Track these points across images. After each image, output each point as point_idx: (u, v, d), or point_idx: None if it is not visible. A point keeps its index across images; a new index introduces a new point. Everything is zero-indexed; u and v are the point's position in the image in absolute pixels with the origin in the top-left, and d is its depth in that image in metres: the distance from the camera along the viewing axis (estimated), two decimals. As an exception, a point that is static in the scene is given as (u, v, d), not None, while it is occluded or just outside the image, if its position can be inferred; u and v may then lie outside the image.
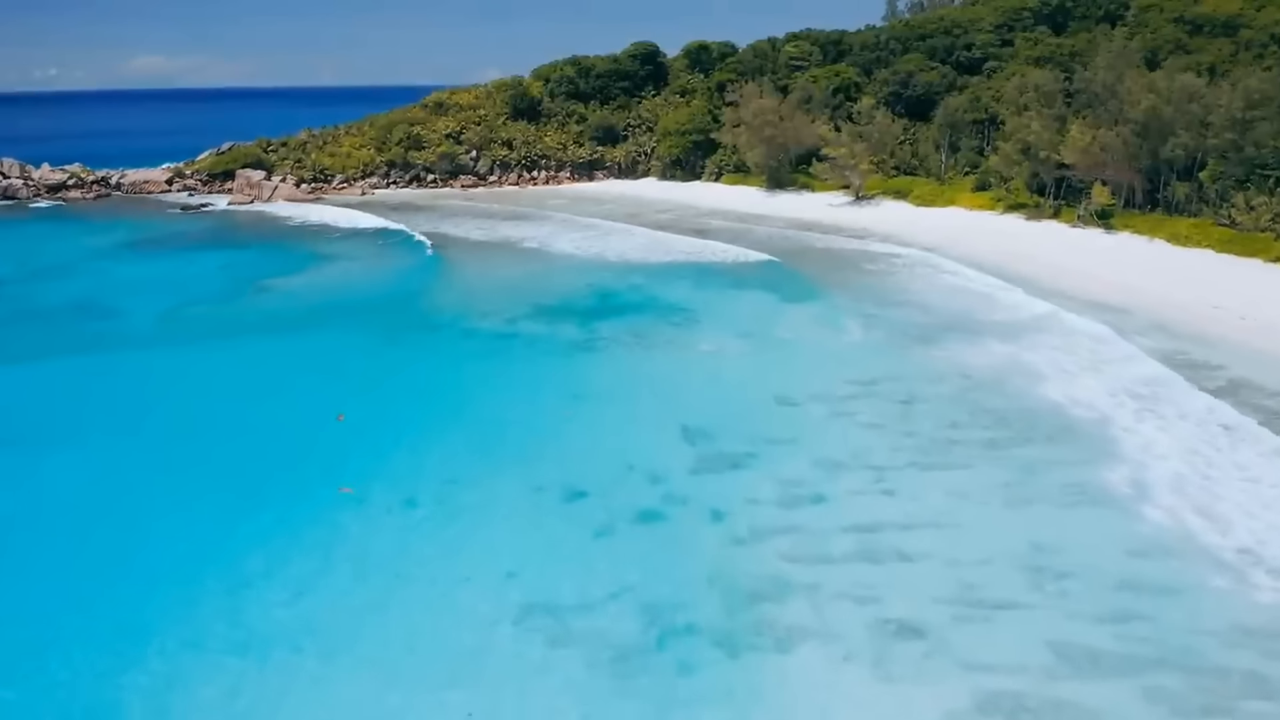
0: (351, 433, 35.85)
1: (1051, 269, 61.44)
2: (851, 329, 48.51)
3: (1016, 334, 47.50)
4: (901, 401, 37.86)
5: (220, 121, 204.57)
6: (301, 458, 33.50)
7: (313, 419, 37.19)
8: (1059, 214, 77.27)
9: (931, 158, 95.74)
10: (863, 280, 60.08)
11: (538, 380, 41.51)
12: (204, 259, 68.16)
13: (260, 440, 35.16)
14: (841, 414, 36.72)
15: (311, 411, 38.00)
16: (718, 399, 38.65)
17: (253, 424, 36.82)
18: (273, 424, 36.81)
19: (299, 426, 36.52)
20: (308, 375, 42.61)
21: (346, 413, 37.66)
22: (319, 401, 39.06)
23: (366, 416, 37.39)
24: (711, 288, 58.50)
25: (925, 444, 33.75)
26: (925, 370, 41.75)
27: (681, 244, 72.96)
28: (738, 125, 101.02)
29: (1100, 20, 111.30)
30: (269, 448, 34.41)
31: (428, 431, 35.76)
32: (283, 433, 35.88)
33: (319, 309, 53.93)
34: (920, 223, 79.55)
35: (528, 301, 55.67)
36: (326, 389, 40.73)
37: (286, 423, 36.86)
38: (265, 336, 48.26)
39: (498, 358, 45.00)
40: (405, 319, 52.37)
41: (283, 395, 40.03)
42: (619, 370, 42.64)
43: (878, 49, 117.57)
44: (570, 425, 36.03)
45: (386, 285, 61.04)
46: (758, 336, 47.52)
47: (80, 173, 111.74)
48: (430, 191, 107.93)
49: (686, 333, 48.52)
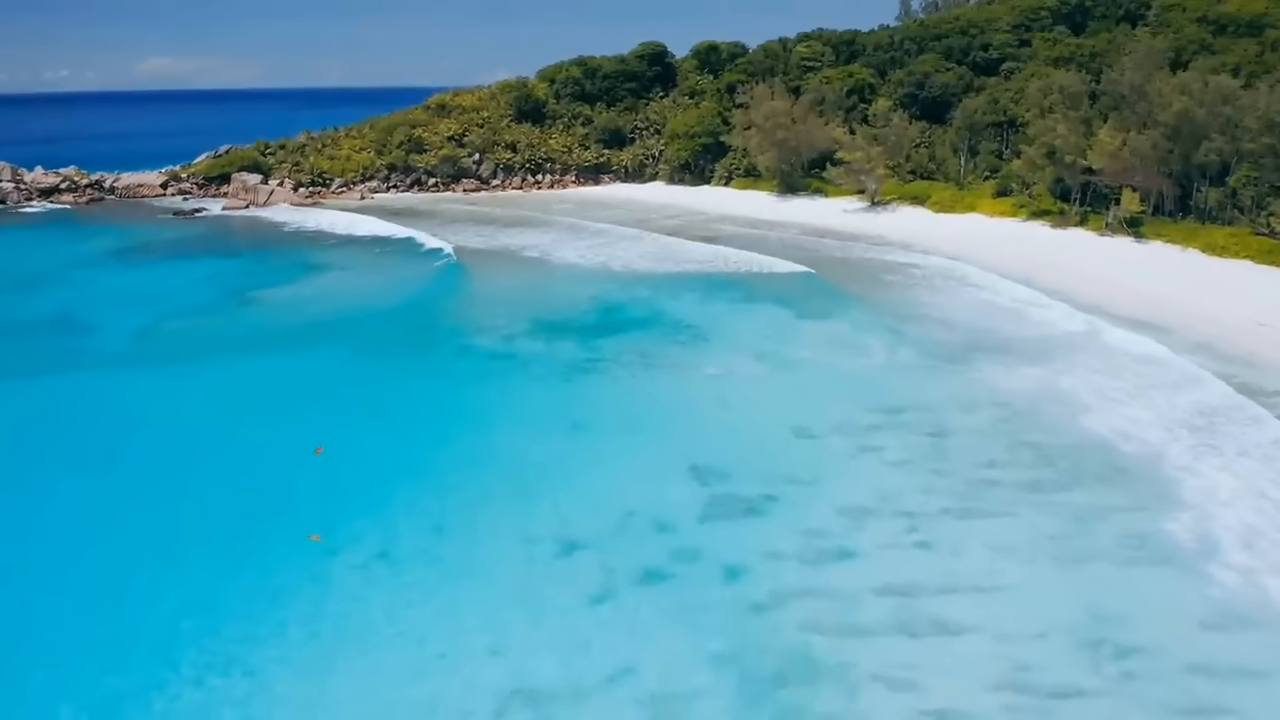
0: (329, 467, 32.68)
1: (1081, 281, 58.04)
2: (873, 348, 45.19)
3: (1050, 354, 44.16)
4: (931, 434, 34.53)
5: (227, 123, 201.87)
6: (270, 497, 30.33)
7: (289, 451, 34.04)
8: (1085, 221, 73.83)
9: (949, 162, 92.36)
10: (882, 292, 56.75)
11: (534, 407, 38.28)
12: (190, 268, 65.10)
13: (228, 476, 32.00)
14: (866, 448, 33.41)
15: (288, 442, 34.84)
16: (730, 430, 35.38)
17: (223, 456, 33.69)
18: (244, 457, 33.67)
19: (273, 459, 33.36)
20: (287, 399, 39.45)
21: (326, 443, 34.51)
22: (297, 430, 35.92)
23: (347, 448, 34.21)
24: (721, 301, 55.24)
25: (961, 486, 30.44)
26: (955, 397, 38.42)
27: (690, 252, 69.70)
28: (748, 128, 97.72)
29: (1120, 20, 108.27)
30: (236, 485, 31.23)
31: (412, 466, 32.55)
32: (254, 467, 32.72)
33: (303, 324, 50.78)
34: (939, 230, 76.18)
35: (526, 316, 52.46)
36: (306, 415, 37.59)
37: (259, 455, 33.71)
38: (244, 355, 45.12)
39: (491, 380, 41.82)
40: (394, 335, 49.20)
41: (259, 423, 36.88)
42: (622, 396, 39.39)
43: (892, 49, 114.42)
44: (568, 460, 32.78)
45: (376, 298, 57.73)
46: (772, 357, 44.23)
47: (74, 176, 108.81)
48: (431, 196, 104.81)
49: (695, 352, 45.27)
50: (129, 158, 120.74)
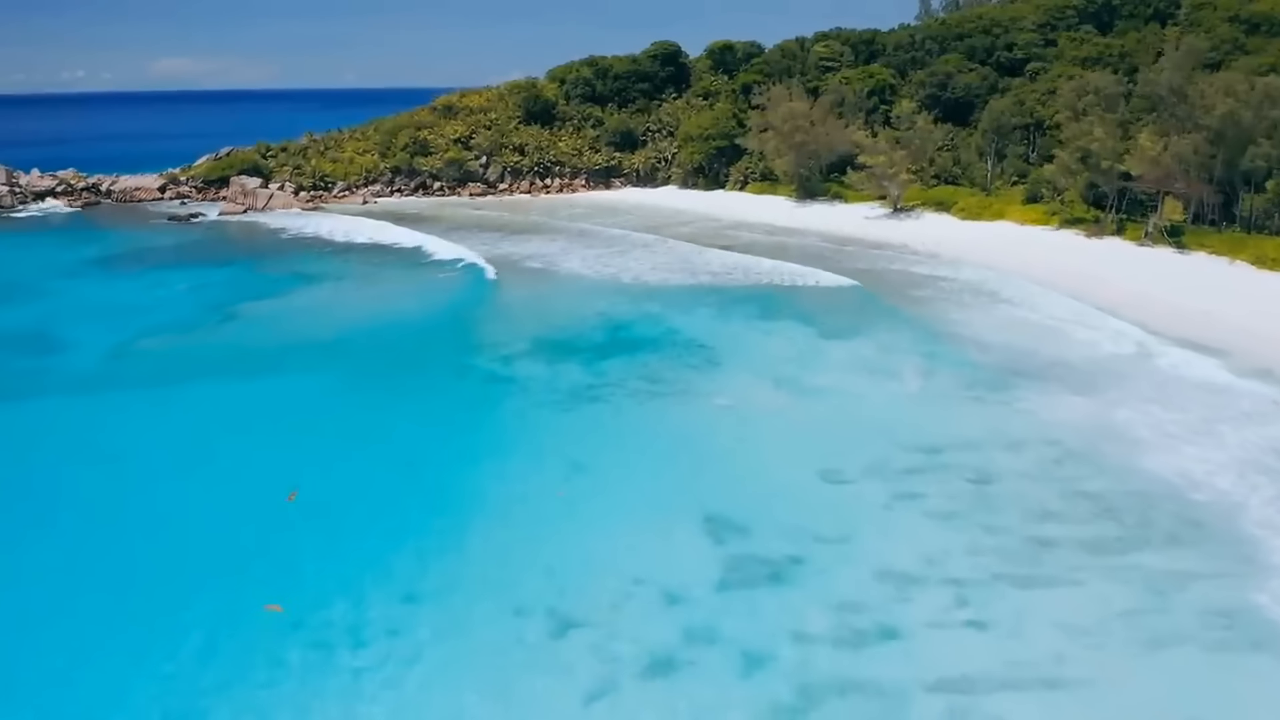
0: (302, 517, 29.08)
1: (1122, 295, 54.10)
2: (904, 373, 41.39)
3: (1098, 379, 40.32)
4: (975, 480, 30.72)
5: (240, 124, 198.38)
6: (230, 555, 26.74)
7: (258, 496, 30.45)
8: (1123, 230, 69.80)
9: (975, 166, 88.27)
10: (910, 308, 52.90)
11: (530, 443, 34.61)
12: (175, 279, 61.69)
13: (184, 527, 28.45)
14: (903, 497, 29.63)
15: (259, 485, 31.24)
16: (748, 472, 31.65)
17: (182, 502, 30.13)
18: (207, 503, 30.09)
19: (239, 508, 29.75)
20: (262, 433, 35.85)
21: (301, 486, 30.92)
22: (269, 471, 32.33)
23: (323, 493, 30.59)
24: (737, 317, 51.49)
25: (1014, 545, 26.65)
26: (998, 432, 34.60)
27: (705, 262, 65.98)
28: (765, 130, 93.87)
29: (1150, 19, 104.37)
30: (192, 539, 27.67)
31: (391, 516, 28.92)
32: (216, 517, 29.16)
33: (288, 343, 47.19)
34: (967, 238, 72.25)
35: (528, 334, 48.88)
36: (281, 453, 34.00)
37: (224, 502, 30.11)
38: (220, 380, 41.58)
39: (486, 410, 38.19)
40: (384, 355, 45.54)
41: (228, 462, 33.31)
42: (628, 430, 35.64)
43: (913, 49, 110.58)
44: (564, 511, 29.08)
45: (367, 313, 54.05)
46: (793, 383, 40.45)
47: (70, 179, 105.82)
48: (435, 200, 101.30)
49: (708, 377, 41.51)
50: (134, 159, 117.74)
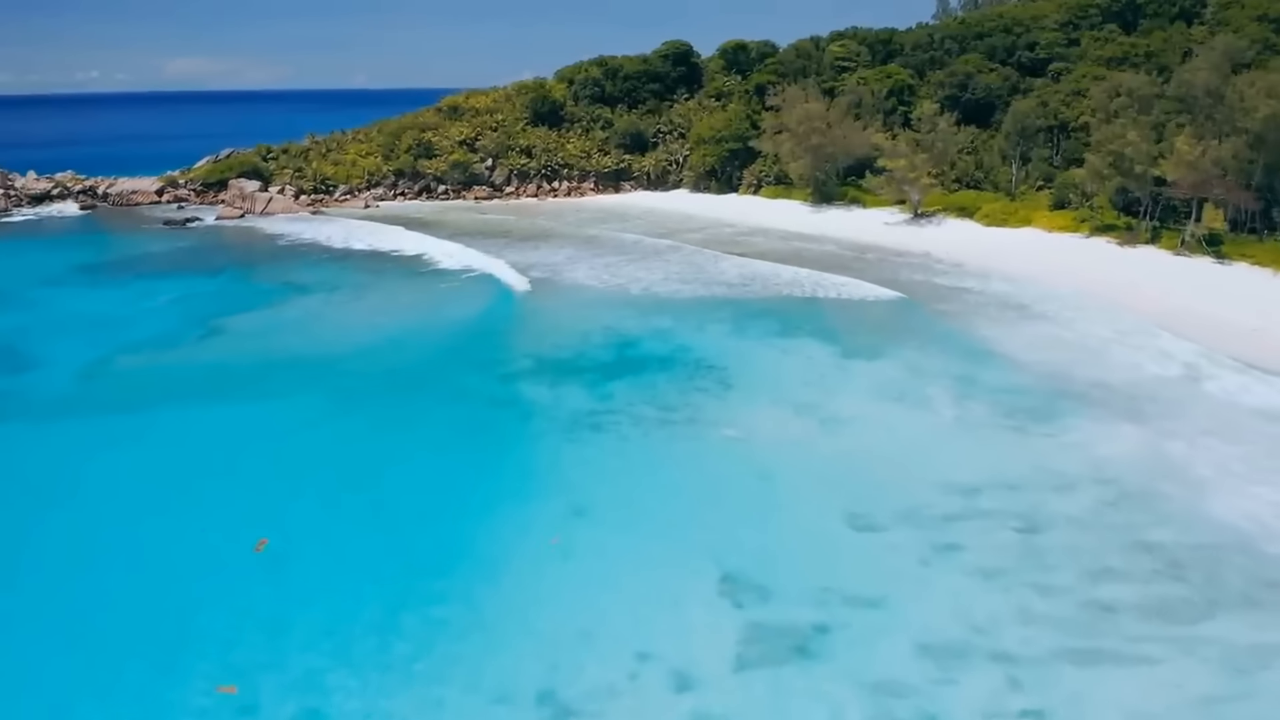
0: (268, 571, 26.05)
1: (1163, 310, 50.75)
2: (936, 399, 38.06)
3: (1147, 406, 37.05)
4: (1022, 528, 27.48)
5: (248, 125, 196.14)
6: (183, 619, 23.70)
7: (223, 545, 27.44)
8: (1157, 239, 66.36)
9: (999, 170, 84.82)
10: (937, 323, 49.61)
11: (524, 480, 31.46)
12: (162, 289, 58.76)
13: (138, 583, 25.42)
14: (943, 549, 26.41)
15: (225, 532, 28.23)
16: (768, 519, 28.45)
17: (138, 553, 27.10)
18: (165, 554, 27.03)
19: (200, 560, 26.72)
20: (234, 468, 32.77)
21: (272, 533, 27.92)
22: (240, 513, 29.32)
23: (293, 541, 27.56)
24: (752, 334, 48.25)
25: (1071, 611, 23.43)
26: (1043, 470, 31.34)
27: (719, 272, 62.78)
28: (779, 132, 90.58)
29: (1175, 18, 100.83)
30: (144, 599, 24.65)
31: (367, 573, 25.81)
32: (174, 571, 26.12)
33: (272, 361, 44.10)
34: (992, 246, 68.85)
35: (528, 352, 45.85)
36: (254, 492, 30.93)
37: (185, 553, 27.06)
38: (195, 405, 38.55)
39: (476, 441, 34.98)
40: (373, 375, 42.29)
41: (196, 504, 30.23)
42: (632, 466, 32.42)
43: (931, 49, 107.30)
44: (559, 564, 25.95)
45: (358, 327, 50.73)
46: (815, 411, 37.20)
47: (68, 181, 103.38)
48: (439, 204, 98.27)
49: (722, 403, 38.30)
50: (139, 160, 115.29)
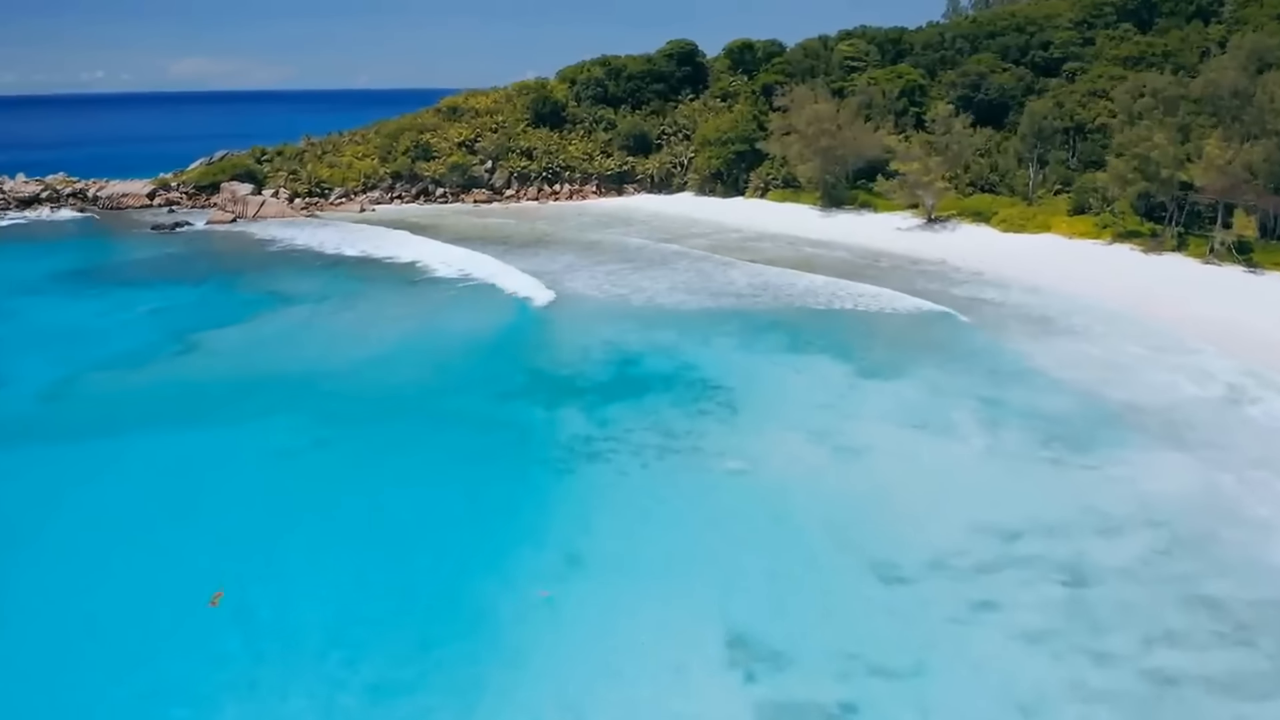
0: (221, 629, 23.20)
1: (1196, 323, 47.85)
2: (962, 425, 35.10)
3: (1193, 433, 34.13)
4: (1068, 581, 24.53)
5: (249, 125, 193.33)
6: (118, 690, 20.87)
7: (177, 596, 24.61)
8: (1184, 246, 63.38)
9: (1016, 174, 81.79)
10: (959, 339, 46.69)
11: (513, 521, 28.55)
12: (142, 298, 55.99)
13: (73, 642, 22.62)
14: (980, 607, 23.48)
15: (181, 580, 25.39)
16: (782, 568, 25.53)
17: (79, 604, 24.30)
18: (110, 605, 24.24)
19: (148, 613, 23.90)
20: (198, 505, 29.92)
21: (231, 582, 25.08)
22: (198, 558, 26.49)
23: (253, 591, 24.72)
24: (761, 350, 45.34)
25: (1129, 684, 20.51)
26: (1088, 509, 28.40)
27: (727, 281, 59.88)
28: (787, 134, 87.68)
29: (1192, 16, 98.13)
30: (76, 663, 21.83)
31: (331, 634, 22.94)
32: (116, 626, 23.31)
33: (249, 380, 41.22)
34: (1011, 253, 65.95)
35: (521, 370, 43.05)
36: (216, 532, 28.10)
37: (132, 604, 24.25)
38: (163, 430, 35.69)
39: (461, 473, 32.01)
40: (355, 396, 39.31)
41: (152, 546, 27.41)
42: (631, 504, 29.46)
43: (942, 48, 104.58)
44: (546, 623, 23.05)
45: (344, 341, 47.62)
46: (830, 438, 34.27)
47: (58, 184, 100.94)
48: (437, 208, 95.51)
49: (730, 429, 35.33)
50: (136, 161, 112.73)
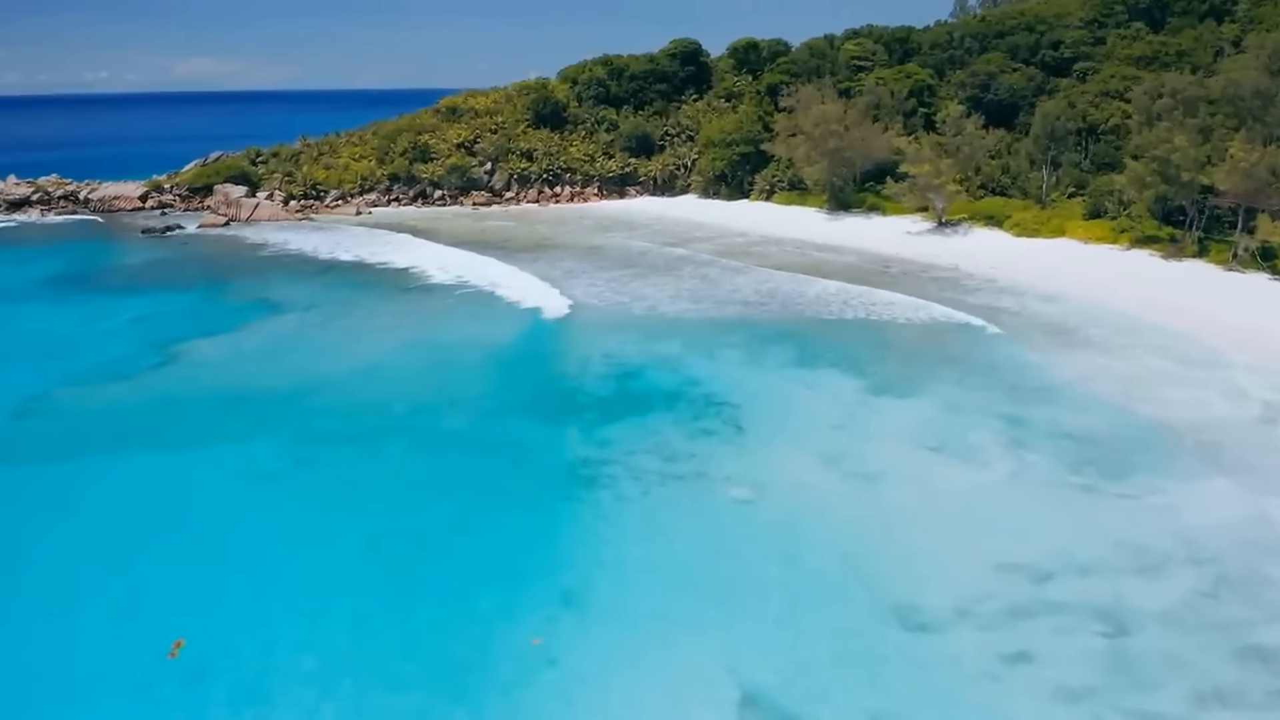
0: (178, 685, 21.10)
1: (1223, 334, 45.78)
2: (985, 448, 32.91)
3: (1230, 456, 31.98)
4: (1108, 631, 22.34)
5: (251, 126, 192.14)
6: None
7: (135, 644, 22.51)
8: (1205, 252, 61.20)
9: (1029, 176, 79.58)
10: (976, 350, 44.53)
11: (505, 555, 26.41)
12: (126, 306, 53.95)
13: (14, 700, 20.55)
14: (1013, 660, 21.31)
15: (141, 625, 23.31)
16: (795, 613, 23.36)
17: (21, 657, 22.19)
18: (58, 656, 22.15)
19: (99, 665, 21.81)
20: (164, 537, 27.84)
21: (195, 629, 23.02)
22: (162, 600, 24.40)
23: (217, 640, 22.61)
24: (770, 363, 43.21)
25: (1188, 755, 18.43)
26: (1124, 545, 26.22)
27: (733, 288, 57.75)
28: (794, 135, 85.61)
29: (1205, 16, 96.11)
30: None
31: (301, 692, 20.85)
32: (62, 682, 21.21)
33: (230, 396, 39.13)
34: (1025, 259, 63.77)
35: (515, 385, 40.95)
36: (182, 568, 26.02)
37: (84, 654, 22.17)
38: (135, 452, 33.58)
39: (451, 499, 29.89)
40: (339, 414, 37.11)
41: (113, 585, 25.31)
42: (631, 537, 27.28)
43: (951, 47, 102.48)
44: (539, 675, 20.91)
45: (331, 353, 45.37)
46: (842, 462, 32.10)
47: (48, 186, 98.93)
48: (435, 210, 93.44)
49: (735, 451, 33.15)
50: (134, 162, 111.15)
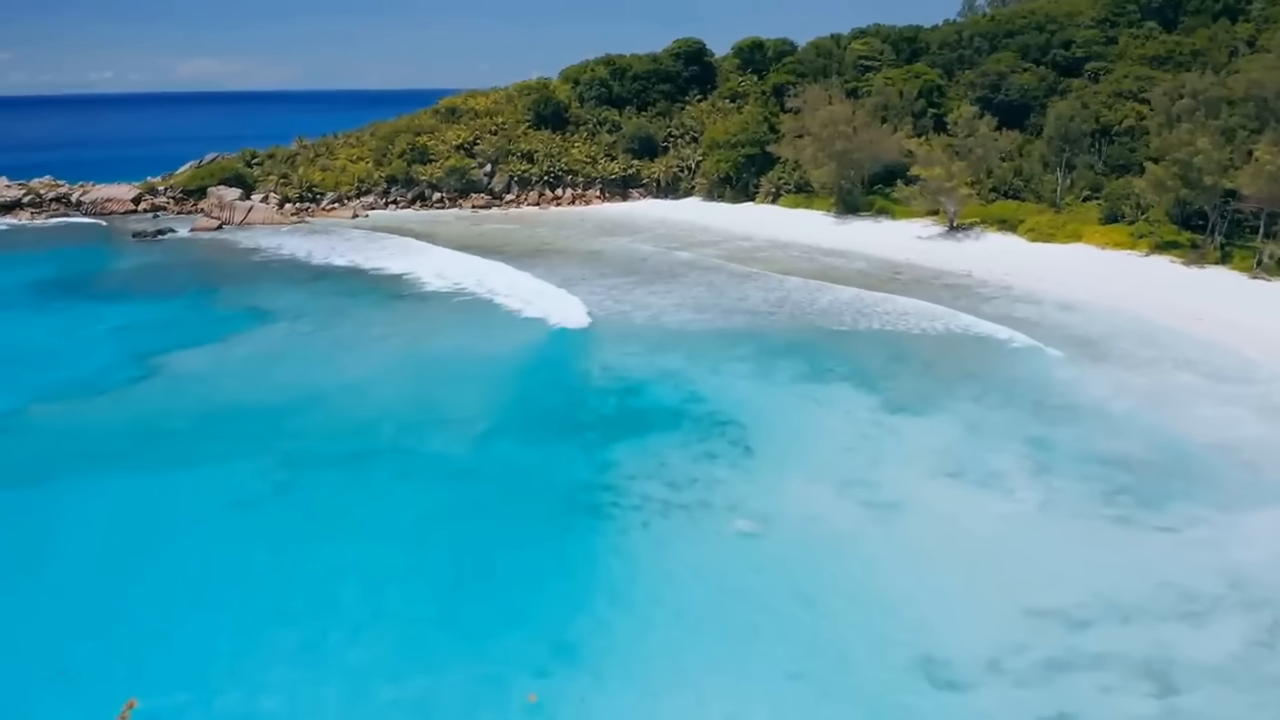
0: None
1: (1255, 347, 43.62)
2: (1011, 476, 30.74)
3: (1272, 482, 29.82)
4: (1157, 690, 20.17)
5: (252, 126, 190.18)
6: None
7: (81, 704, 20.44)
8: (1228, 258, 59.05)
9: (1043, 179, 77.37)
10: (996, 366, 42.37)
11: (497, 597, 24.33)
12: (108, 315, 51.95)
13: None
14: (1055, 724, 19.26)
15: (90, 679, 21.28)
16: (812, 666, 21.24)
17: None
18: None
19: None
20: (126, 574, 25.79)
21: (150, 685, 20.97)
22: (117, 649, 22.36)
23: (175, 698, 20.54)
24: (780, 379, 41.06)
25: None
26: (1168, 587, 24.06)
27: (740, 296, 55.66)
28: (800, 136, 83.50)
29: (1219, 15, 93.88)
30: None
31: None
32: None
33: (209, 413, 36.97)
34: (1041, 265, 61.58)
35: (508, 403, 38.82)
36: (143, 610, 23.97)
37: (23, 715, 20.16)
38: (105, 476, 31.49)
39: (438, 531, 27.79)
40: (320, 434, 34.87)
41: (64, 628, 23.29)
42: (633, 579, 25.10)
43: (960, 47, 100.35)
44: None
45: (318, 366, 43.14)
46: (858, 490, 29.95)
47: (39, 188, 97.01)
48: (433, 214, 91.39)
49: (744, 478, 30.94)
50: (137, 164, 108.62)
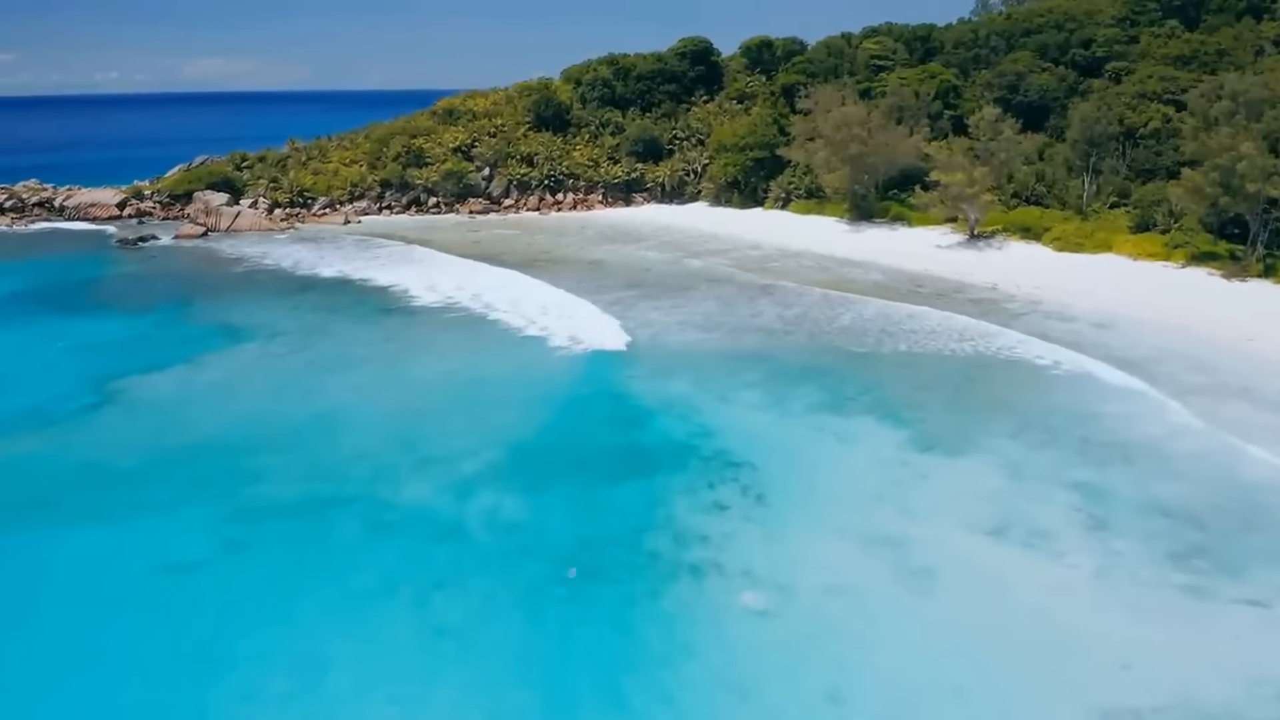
0: None
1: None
2: (1062, 533, 26.92)
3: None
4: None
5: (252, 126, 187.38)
6: None
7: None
8: (1271, 271, 55.22)
9: (1067, 184, 73.53)
10: (1034, 394, 38.53)
11: (474, 689, 20.71)
12: (72, 331, 48.33)
13: None
14: None
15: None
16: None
17: None
18: None
19: None
20: (52, 654, 22.21)
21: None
22: None
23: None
24: (796, 409, 37.24)
25: None
26: (1263, 682, 20.30)
27: (752, 313, 51.96)
28: (811, 139, 79.78)
29: (1243, 13, 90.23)
30: None
31: None
32: None
33: (167, 449, 33.17)
34: (1070, 278, 57.81)
35: (494, 438, 34.89)
36: (86, 689, 20.40)
37: None
38: (40, 525, 27.88)
39: (408, 606, 24.03)
40: (282, 476, 30.95)
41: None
42: (634, 669, 21.38)
43: (975, 46, 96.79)
44: None
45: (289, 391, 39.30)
46: (890, 549, 26.14)
47: (23, 192, 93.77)
48: (429, 219, 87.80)
49: (757, 539, 27.07)
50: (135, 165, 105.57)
